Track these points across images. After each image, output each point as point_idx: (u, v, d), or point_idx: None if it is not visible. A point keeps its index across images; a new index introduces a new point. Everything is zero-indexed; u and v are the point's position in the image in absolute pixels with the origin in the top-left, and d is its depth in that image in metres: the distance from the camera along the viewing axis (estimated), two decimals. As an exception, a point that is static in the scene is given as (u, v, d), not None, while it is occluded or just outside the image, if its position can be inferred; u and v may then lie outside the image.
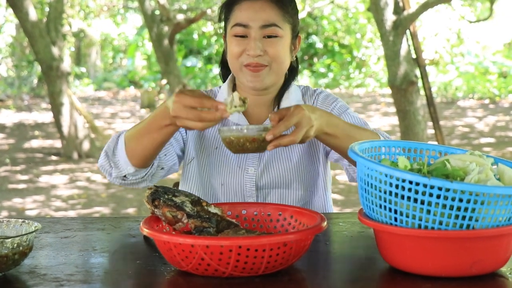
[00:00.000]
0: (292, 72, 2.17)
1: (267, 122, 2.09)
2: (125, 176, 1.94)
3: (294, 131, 1.65)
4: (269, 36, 1.99)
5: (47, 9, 12.86)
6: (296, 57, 2.18)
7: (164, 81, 17.16)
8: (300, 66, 2.21)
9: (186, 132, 2.16)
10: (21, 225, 1.57)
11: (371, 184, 1.40)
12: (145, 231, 1.45)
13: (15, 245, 1.44)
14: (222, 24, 2.13)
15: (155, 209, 1.55)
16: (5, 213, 6.67)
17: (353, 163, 1.97)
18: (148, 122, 1.80)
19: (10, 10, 15.01)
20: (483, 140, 11.28)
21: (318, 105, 2.15)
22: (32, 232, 1.48)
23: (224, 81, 2.23)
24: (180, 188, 2.20)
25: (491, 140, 11.30)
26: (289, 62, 2.09)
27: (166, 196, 1.56)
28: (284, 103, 2.10)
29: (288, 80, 2.15)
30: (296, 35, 2.11)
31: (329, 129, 1.80)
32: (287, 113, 1.66)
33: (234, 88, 2.18)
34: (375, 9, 6.62)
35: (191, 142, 2.15)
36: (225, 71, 2.22)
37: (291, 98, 2.12)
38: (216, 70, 21.18)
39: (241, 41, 2.00)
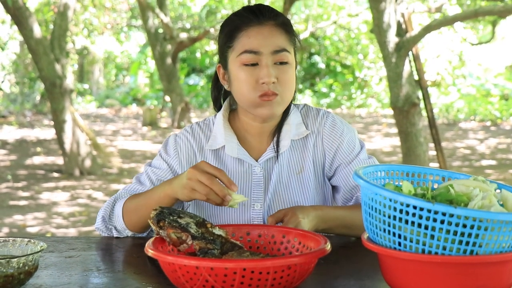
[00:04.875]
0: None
1: (267, 154, 2.06)
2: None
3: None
4: (280, 63, 1.94)
5: (51, 26, 12.93)
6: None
7: (167, 98, 17.19)
8: (302, 86, 2.14)
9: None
10: (26, 244, 1.57)
11: (375, 208, 1.40)
12: (150, 252, 1.46)
13: (21, 264, 1.45)
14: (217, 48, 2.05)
15: (160, 230, 1.56)
16: (6, 230, 6.67)
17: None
18: (150, 196, 1.92)
19: (14, 28, 15.10)
20: (485, 162, 11.28)
21: (325, 135, 2.08)
22: (37, 252, 1.49)
23: (215, 105, 2.17)
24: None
25: (493, 162, 11.30)
26: (295, 87, 2.02)
27: (171, 217, 1.57)
28: (285, 130, 2.05)
29: (287, 109, 2.07)
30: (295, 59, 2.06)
31: (325, 225, 1.93)
32: (284, 217, 1.84)
33: (229, 117, 2.10)
34: (378, 31, 6.66)
35: None
36: (217, 95, 2.16)
37: (291, 123, 2.06)
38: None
39: (252, 70, 1.92)
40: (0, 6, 9.46)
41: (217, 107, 2.17)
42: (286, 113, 2.07)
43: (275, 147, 2.05)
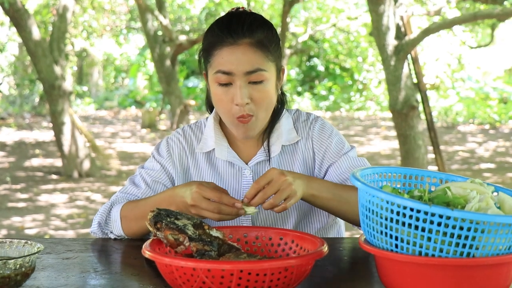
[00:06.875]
0: (280, 106, 2.08)
1: (257, 157, 2.06)
2: None
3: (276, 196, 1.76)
4: (255, 82, 1.89)
5: (50, 28, 12.93)
6: (281, 88, 2.08)
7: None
8: (301, 88, 2.12)
9: (170, 182, 2.11)
10: (23, 246, 1.57)
11: (372, 210, 1.40)
12: (147, 254, 1.46)
13: (18, 266, 1.45)
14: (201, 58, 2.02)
15: (157, 232, 1.56)
16: (4, 232, 6.66)
17: (356, 224, 1.94)
18: (152, 206, 1.85)
19: (13, 29, 15.10)
20: (483, 166, 11.28)
21: (314, 137, 2.09)
22: (34, 253, 1.49)
23: (208, 109, 2.19)
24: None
25: (491, 165, 11.30)
26: (275, 101, 1.99)
27: (168, 219, 1.57)
28: (276, 135, 2.06)
29: (277, 114, 2.07)
30: (280, 68, 2.00)
31: (316, 191, 1.86)
32: (268, 184, 1.76)
33: (220, 122, 2.10)
34: (377, 34, 6.65)
35: None
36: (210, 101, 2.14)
37: (281, 129, 2.07)
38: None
39: (226, 89, 1.90)
40: (-1, 8, 9.45)
41: (209, 108, 2.18)
42: (274, 119, 2.07)
43: (268, 151, 2.06)
